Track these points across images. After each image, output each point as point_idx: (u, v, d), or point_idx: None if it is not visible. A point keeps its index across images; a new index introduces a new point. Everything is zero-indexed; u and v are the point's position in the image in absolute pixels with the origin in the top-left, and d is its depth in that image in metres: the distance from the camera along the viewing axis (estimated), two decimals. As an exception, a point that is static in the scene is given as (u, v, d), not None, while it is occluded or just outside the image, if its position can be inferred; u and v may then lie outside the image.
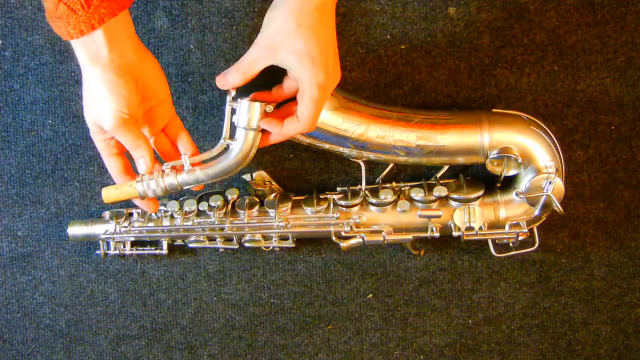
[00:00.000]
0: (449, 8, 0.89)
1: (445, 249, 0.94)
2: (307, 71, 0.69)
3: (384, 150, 0.82)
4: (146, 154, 0.73)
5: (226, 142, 0.76)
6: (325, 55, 0.70)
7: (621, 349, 0.97)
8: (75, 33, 0.66)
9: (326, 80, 0.70)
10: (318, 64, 0.69)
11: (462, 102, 0.90)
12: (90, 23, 0.65)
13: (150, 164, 0.73)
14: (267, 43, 0.71)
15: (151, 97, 0.75)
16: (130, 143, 0.72)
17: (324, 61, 0.70)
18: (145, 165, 0.73)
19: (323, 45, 0.70)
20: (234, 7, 0.88)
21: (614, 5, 0.88)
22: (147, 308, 0.96)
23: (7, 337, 0.97)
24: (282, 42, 0.69)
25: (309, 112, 0.72)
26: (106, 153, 0.76)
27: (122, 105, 0.69)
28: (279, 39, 0.70)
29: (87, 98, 0.71)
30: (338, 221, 0.87)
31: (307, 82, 0.70)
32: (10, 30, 0.90)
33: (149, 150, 0.73)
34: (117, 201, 0.77)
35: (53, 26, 0.67)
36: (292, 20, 0.69)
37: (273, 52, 0.70)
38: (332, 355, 0.97)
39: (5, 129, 0.92)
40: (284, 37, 0.69)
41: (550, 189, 0.82)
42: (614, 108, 0.91)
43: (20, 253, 0.95)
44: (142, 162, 0.73)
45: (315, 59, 0.69)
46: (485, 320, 0.96)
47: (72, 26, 0.65)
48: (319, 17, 0.69)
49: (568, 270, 0.95)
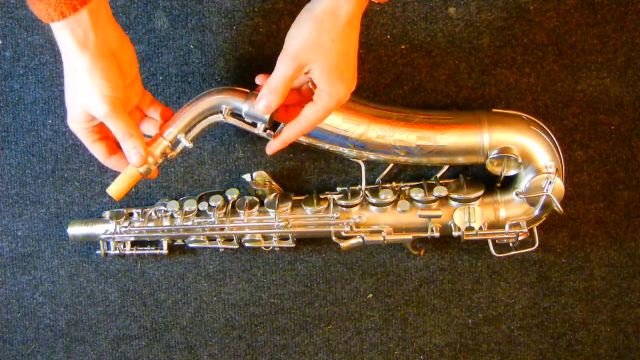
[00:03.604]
0: (449, 8, 0.89)
1: (445, 249, 0.94)
2: (333, 86, 0.69)
3: (384, 150, 0.82)
4: (139, 144, 0.71)
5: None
6: (350, 70, 0.70)
7: (621, 349, 0.97)
8: (57, 15, 0.64)
9: (345, 95, 0.71)
10: (344, 79, 0.70)
11: (462, 102, 0.90)
12: (71, 4, 0.64)
13: (144, 153, 0.71)
14: (297, 57, 0.69)
15: (126, 77, 0.73)
16: (123, 130, 0.70)
17: (348, 76, 0.70)
18: (139, 155, 0.71)
19: (351, 59, 0.70)
20: (234, 7, 0.88)
21: (614, 5, 0.88)
22: (147, 308, 0.96)
23: (7, 337, 0.97)
24: (315, 57, 0.68)
25: (315, 118, 0.72)
26: (89, 141, 0.74)
27: (113, 90, 0.68)
28: (312, 52, 0.68)
29: (72, 85, 0.69)
30: (338, 221, 0.87)
31: (328, 94, 0.70)
32: (10, 30, 0.90)
33: (142, 139, 0.71)
34: (127, 191, 0.75)
35: (33, 9, 0.65)
36: (326, 34, 0.67)
37: (303, 66, 0.69)
38: (332, 355, 0.97)
39: (5, 129, 0.92)
40: (317, 51, 0.68)
41: (550, 189, 0.82)
42: (614, 108, 0.91)
43: (20, 253, 0.95)
44: (134, 154, 0.71)
45: (342, 75, 0.69)
46: (485, 320, 0.96)
47: (53, 7, 0.64)
48: (349, 31, 0.69)
49: (568, 270, 0.95)
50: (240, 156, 0.92)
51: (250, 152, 0.92)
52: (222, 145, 0.92)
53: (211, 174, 0.93)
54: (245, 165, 0.92)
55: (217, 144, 0.92)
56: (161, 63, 0.90)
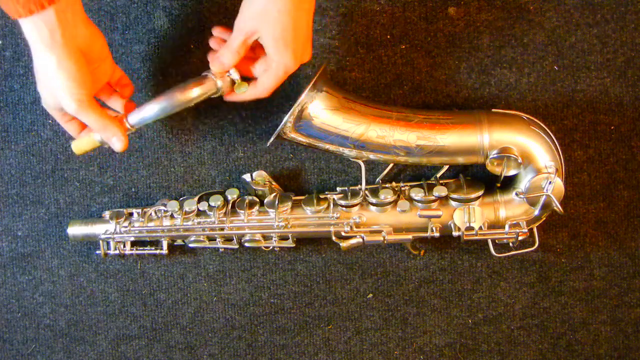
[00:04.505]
0: (449, 8, 0.89)
1: (445, 249, 0.94)
2: (280, 55, 0.74)
3: (384, 150, 0.82)
4: (117, 131, 0.76)
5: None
6: (298, 40, 0.74)
7: (621, 349, 0.97)
8: (24, 11, 0.65)
9: (293, 64, 0.75)
10: (290, 49, 0.74)
11: (462, 102, 0.90)
12: (39, 2, 0.65)
13: (124, 139, 0.76)
14: (248, 26, 0.74)
15: (95, 60, 0.75)
16: (96, 123, 0.74)
17: (296, 47, 0.74)
18: (120, 142, 0.76)
19: (298, 31, 0.74)
20: (234, 7, 0.88)
21: (614, 5, 0.88)
22: (147, 308, 0.96)
23: (7, 337, 0.97)
24: (262, 26, 0.73)
25: (269, 85, 0.77)
26: (63, 121, 0.79)
27: (81, 87, 0.71)
28: (260, 22, 0.73)
29: (42, 79, 0.72)
30: (338, 221, 0.87)
31: (276, 63, 0.75)
32: (10, 30, 0.90)
33: (118, 127, 0.76)
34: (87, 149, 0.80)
35: (2, 4, 0.66)
36: (272, 4, 0.71)
37: (254, 34, 0.74)
38: (332, 355, 0.97)
39: (5, 129, 0.92)
40: (264, 22, 0.72)
41: (550, 189, 0.82)
42: (614, 108, 0.91)
43: (20, 253, 0.95)
44: (115, 141, 0.76)
45: (288, 45, 0.74)
46: (485, 320, 0.96)
47: (22, 4, 0.65)
48: (298, 3, 0.72)
49: (568, 270, 0.95)
50: (240, 156, 0.92)
51: (250, 152, 0.92)
52: (222, 145, 0.92)
53: (211, 174, 0.93)
54: (245, 165, 0.92)
55: (217, 144, 0.92)
56: (161, 63, 0.90)
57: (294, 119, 0.80)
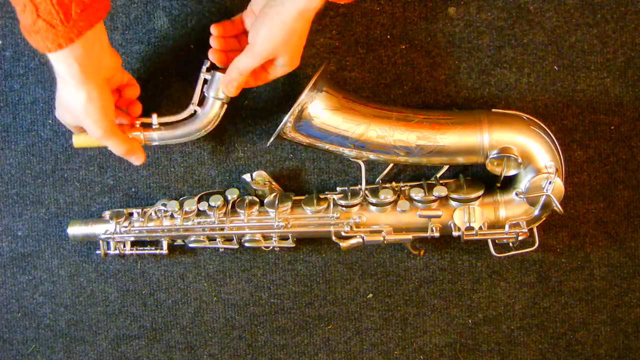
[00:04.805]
0: (449, 8, 0.89)
1: (445, 249, 0.94)
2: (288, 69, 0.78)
3: (384, 150, 0.82)
4: (137, 152, 0.80)
5: (194, 108, 0.82)
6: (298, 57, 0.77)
7: (621, 349, 0.97)
8: (54, 47, 0.66)
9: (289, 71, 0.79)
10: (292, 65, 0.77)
11: (462, 102, 0.90)
12: (68, 37, 0.66)
13: (143, 156, 0.81)
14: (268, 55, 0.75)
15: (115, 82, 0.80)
16: (118, 148, 0.78)
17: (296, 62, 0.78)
18: (139, 160, 0.82)
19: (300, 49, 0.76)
20: (234, 7, 0.88)
21: (613, 5, 0.88)
22: (147, 308, 0.96)
23: (7, 337, 0.97)
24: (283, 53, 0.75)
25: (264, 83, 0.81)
26: (75, 130, 0.82)
27: (107, 116, 0.74)
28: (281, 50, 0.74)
29: (68, 110, 0.75)
30: (338, 221, 0.87)
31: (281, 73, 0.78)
32: (10, 30, 0.90)
33: (138, 149, 0.81)
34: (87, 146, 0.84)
35: (29, 39, 0.67)
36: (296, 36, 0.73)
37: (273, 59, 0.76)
38: (332, 355, 0.97)
39: (5, 129, 0.92)
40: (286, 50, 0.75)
41: (550, 189, 0.82)
42: (614, 108, 0.91)
43: (20, 253, 0.95)
44: (134, 159, 0.81)
45: (298, 60, 0.77)
46: (485, 320, 0.96)
47: (51, 40, 0.65)
48: (306, 27, 0.73)
49: (568, 270, 0.95)
50: (240, 156, 0.92)
51: (250, 152, 0.92)
52: (222, 145, 0.92)
53: (211, 174, 0.93)
54: (245, 165, 0.92)
55: (217, 144, 0.92)
56: (161, 63, 0.90)
57: (294, 119, 0.80)
